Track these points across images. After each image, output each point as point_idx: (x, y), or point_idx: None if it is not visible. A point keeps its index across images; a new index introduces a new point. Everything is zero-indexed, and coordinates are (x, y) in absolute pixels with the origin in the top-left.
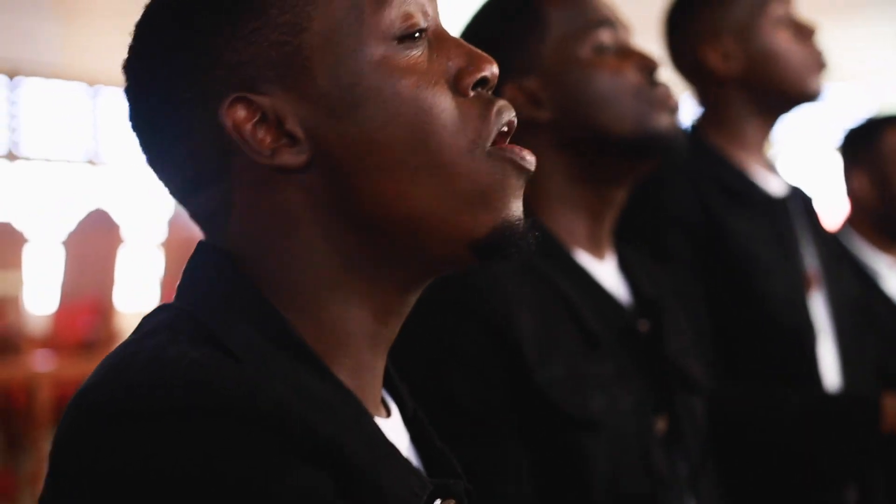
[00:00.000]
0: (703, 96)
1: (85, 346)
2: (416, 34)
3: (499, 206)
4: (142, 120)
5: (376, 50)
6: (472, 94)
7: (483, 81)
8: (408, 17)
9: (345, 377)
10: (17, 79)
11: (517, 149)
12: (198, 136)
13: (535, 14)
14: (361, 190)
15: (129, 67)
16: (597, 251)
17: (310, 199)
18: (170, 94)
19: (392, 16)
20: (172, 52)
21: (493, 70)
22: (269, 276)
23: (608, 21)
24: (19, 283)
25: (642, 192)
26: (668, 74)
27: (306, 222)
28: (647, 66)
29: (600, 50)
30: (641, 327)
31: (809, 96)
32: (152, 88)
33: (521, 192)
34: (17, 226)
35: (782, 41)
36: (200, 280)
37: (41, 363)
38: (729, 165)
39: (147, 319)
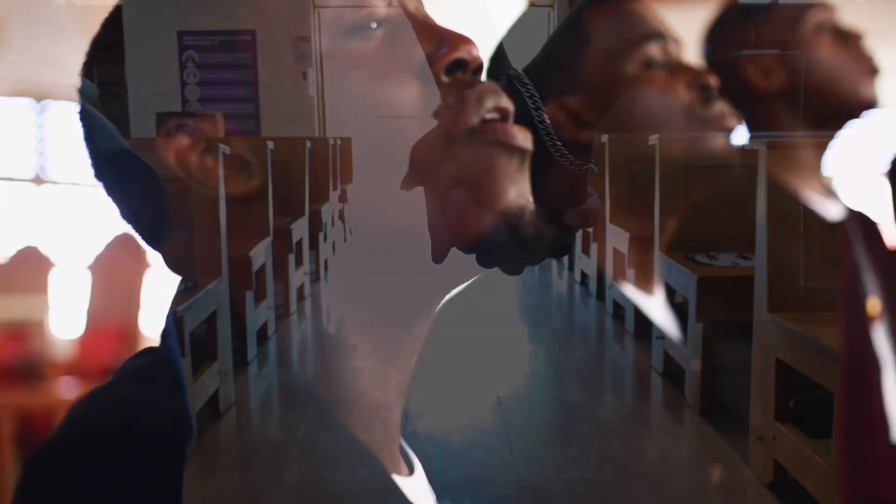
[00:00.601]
0: (751, 117)
1: (110, 373)
2: (373, 24)
3: (493, 198)
4: (95, 169)
5: (321, 44)
6: (446, 79)
7: (459, 64)
8: (361, 3)
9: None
10: (44, 102)
11: (501, 125)
12: (150, 176)
13: (577, 27)
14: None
15: (79, 115)
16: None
17: None
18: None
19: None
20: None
21: (470, 51)
22: None
23: (657, 34)
24: (44, 307)
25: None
26: None
27: None
28: (701, 82)
29: (648, 65)
30: (694, 366)
31: (861, 104)
32: (97, 132)
33: (518, 176)
34: (43, 250)
35: (823, 48)
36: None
37: (65, 390)
38: (781, 190)
39: (129, 363)
